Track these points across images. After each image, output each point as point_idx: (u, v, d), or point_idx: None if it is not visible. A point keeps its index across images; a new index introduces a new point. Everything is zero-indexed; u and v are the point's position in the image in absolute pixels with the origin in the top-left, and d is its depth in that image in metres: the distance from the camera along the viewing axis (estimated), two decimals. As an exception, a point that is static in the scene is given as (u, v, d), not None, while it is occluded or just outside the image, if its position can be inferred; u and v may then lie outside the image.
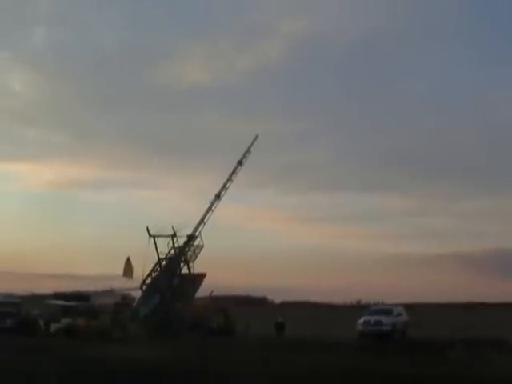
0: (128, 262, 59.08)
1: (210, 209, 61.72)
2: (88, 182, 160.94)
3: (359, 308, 74.30)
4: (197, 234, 60.91)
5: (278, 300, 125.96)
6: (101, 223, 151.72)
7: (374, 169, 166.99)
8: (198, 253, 60.94)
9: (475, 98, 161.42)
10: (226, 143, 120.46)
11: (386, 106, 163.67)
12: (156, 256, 59.59)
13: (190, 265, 60.66)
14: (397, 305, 55.86)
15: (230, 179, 62.92)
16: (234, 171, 63.06)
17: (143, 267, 58.87)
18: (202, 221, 61.13)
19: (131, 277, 58.89)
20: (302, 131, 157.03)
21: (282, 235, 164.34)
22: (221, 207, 64.08)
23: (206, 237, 62.03)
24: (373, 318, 49.24)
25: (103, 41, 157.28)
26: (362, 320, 49.46)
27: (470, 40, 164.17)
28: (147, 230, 58.93)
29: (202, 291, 60.76)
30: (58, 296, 56.84)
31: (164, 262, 59.90)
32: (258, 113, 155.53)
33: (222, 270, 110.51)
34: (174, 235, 59.69)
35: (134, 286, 59.74)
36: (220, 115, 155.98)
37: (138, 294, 59.55)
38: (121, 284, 60.04)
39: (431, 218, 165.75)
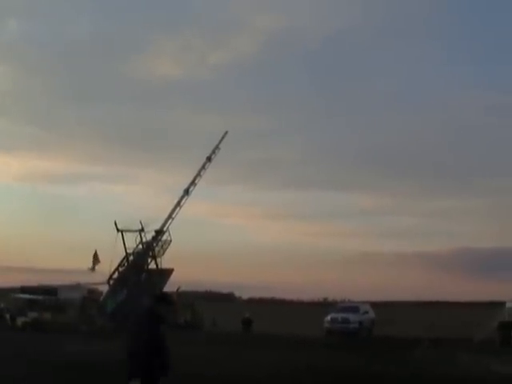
0: (95, 256, 58.94)
1: (178, 204, 61.71)
2: (58, 176, 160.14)
3: (326, 305, 74.61)
4: (165, 229, 60.91)
5: (245, 296, 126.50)
6: (70, 217, 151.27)
7: (344, 167, 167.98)
8: (166, 248, 60.95)
9: (446, 97, 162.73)
10: (198, 138, 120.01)
11: (357, 104, 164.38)
12: (124, 251, 59.56)
13: (158, 260, 60.66)
14: (363, 303, 56.17)
15: (198, 175, 62.96)
16: (202, 167, 63.09)
17: (111, 262, 58.82)
18: (170, 216, 61.10)
19: (93, 269, 58.75)
20: (273, 128, 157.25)
21: (251, 232, 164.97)
22: (190, 203, 64.15)
23: (174, 232, 62.06)
24: (340, 316, 49.42)
25: (75, 33, 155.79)
26: (329, 317, 49.63)
27: (441, 39, 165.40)
28: (115, 224, 58.85)
29: (170, 286, 60.72)
30: (24, 290, 56.51)
31: (132, 257, 59.80)
32: (229, 108, 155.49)
33: (189, 265, 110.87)
34: (141, 230, 59.64)
35: (101, 281, 59.62)
36: (192, 110, 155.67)
37: (105, 288, 59.45)
38: (88, 278, 59.87)
39: (401, 216, 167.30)
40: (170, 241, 60.97)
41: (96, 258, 58.92)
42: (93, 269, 58.92)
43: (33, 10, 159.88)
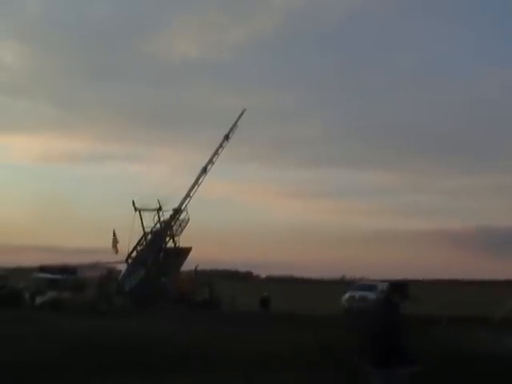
0: (114, 236, 59.01)
1: (196, 183, 61.66)
2: (77, 155, 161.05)
3: (344, 284, 74.49)
4: (183, 207, 60.89)
5: (263, 275, 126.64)
6: (89, 196, 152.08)
7: (362, 145, 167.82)
8: (184, 227, 60.99)
9: (466, 74, 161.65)
10: (216, 117, 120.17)
11: (376, 82, 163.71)
12: (142, 230, 59.63)
13: (176, 239, 60.72)
14: (381, 281, 55.99)
15: (216, 153, 62.82)
16: (220, 145, 62.94)
17: (129, 241, 58.91)
18: (188, 195, 61.07)
19: (116, 251, 58.78)
20: (292, 106, 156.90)
21: (269, 210, 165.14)
22: (208, 181, 64.09)
23: (192, 211, 62.06)
24: (358, 294, 49.34)
25: (95, 13, 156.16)
26: (346, 296, 49.58)
27: (460, 15, 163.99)
28: (133, 203, 58.89)
29: (188, 265, 60.89)
30: (43, 269, 56.71)
31: (150, 236, 59.84)
32: (248, 86, 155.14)
33: (207, 244, 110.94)
34: (159, 209, 59.64)
35: (119, 260, 59.76)
36: (211, 88, 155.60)
37: (123, 267, 59.60)
38: (106, 257, 60.03)
39: (420, 194, 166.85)
40: (188, 219, 61.04)
41: (115, 238, 58.97)
42: (116, 251, 58.96)
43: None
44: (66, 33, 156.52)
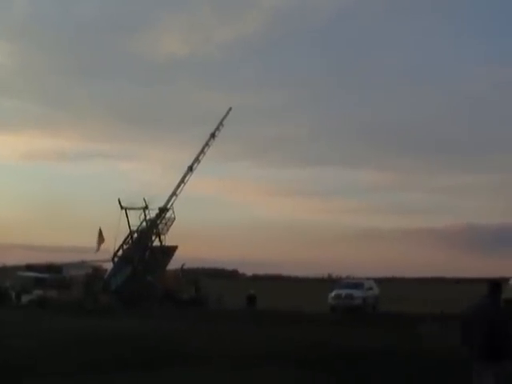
0: (100, 234, 58.92)
1: (182, 181, 61.68)
2: (63, 154, 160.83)
3: (331, 282, 74.73)
4: (169, 206, 60.90)
5: (249, 273, 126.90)
6: (76, 195, 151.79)
7: (349, 143, 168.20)
8: (170, 225, 60.99)
9: (452, 74, 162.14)
10: (204, 115, 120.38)
11: (363, 81, 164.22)
12: (128, 228, 59.63)
13: (162, 237, 60.75)
14: (368, 279, 56.19)
15: (202, 152, 62.82)
16: (206, 144, 62.94)
17: (115, 239, 58.89)
18: (174, 193, 61.08)
19: (98, 249, 58.72)
20: (279, 104, 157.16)
21: (256, 209, 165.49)
22: (196, 180, 64.16)
23: (180, 209, 62.21)
24: (344, 292, 49.48)
25: (84, 11, 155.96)
26: (333, 294, 49.70)
27: (452, 15, 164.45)
28: (119, 202, 58.87)
29: (174, 263, 60.91)
30: (29, 267, 56.67)
31: (136, 235, 59.86)
32: (237, 86, 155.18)
33: (194, 242, 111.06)
34: (145, 208, 59.66)
35: (105, 258, 59.72)
36: (199, 87, 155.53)
37: (109, 266, 59.58)
38: (93, 256, 59.96)
39: (406, 192, 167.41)
40: (174, 218, 61.04)
41: (101, 237, 58.89)
42: (97, 249, 58.90)
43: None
44: (53, 31, 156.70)
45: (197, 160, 62.40)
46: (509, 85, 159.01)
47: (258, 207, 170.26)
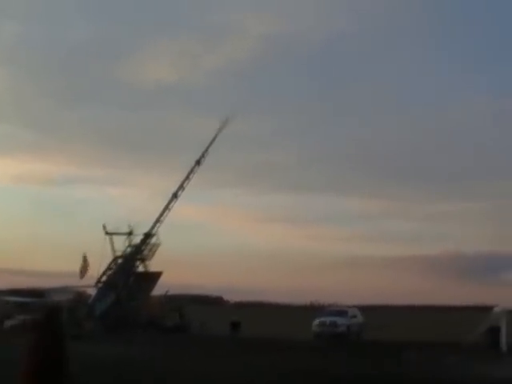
0: (85, 260, 58.73)
1: (167, 207, 61.58)
2: (51, 179, 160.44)
3: (315, 309, 74.58)
4: (153, 232, 60.79)
5: (234, 300, 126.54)
6: (63, 219, 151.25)
7: (339, 171, 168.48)
8: (155, 251, 60.82)
9: (439, 102, 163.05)
10: (194, 142, 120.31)
11: (352, 108, 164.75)
12: (112, 254, 59.49)
13: (146, 263, 60.56)
14: (352, 307, 56.11)
15: (187, 178, 62.75)
16: (191, 170, 62.88)
17: (99, 265, 58.72)
18: (158, 219, 60.98)
19: (82, 276, 58.45)
20: (267, 131, 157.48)
21: (242, 235, 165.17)
22: (181, 206, 64.14)
23: (166, 235, 62.16)
24: (328, 319, 49.41)
25: (73, 37, 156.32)
26: (317, 321, 49.61)
27: (440, 43, 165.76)
28: (103, 227, 58.77)
29: (158, 289, 60.74)
30: (13, 292, 56.44)
31: (120, 260, 59.70)
32: (224, 112, 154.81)
33: (179, 268, 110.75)
34: (130, 233, 59.57)
35: (89, 284, 59.51)
36: (188, 113, 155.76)
37: (93, 291, 59.32)
38: (76, 281, 59.71)
39: (394, 220, 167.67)
40: (159, 244, 60.93)
41: (85, 263, 58.63)
42: (82, 276, 58.58)
43: (30, 13, 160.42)
44: (43, 57, 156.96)
45: (181, 187, 62.34)
46: (499, 115, 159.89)
47: (246, 234, 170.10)
